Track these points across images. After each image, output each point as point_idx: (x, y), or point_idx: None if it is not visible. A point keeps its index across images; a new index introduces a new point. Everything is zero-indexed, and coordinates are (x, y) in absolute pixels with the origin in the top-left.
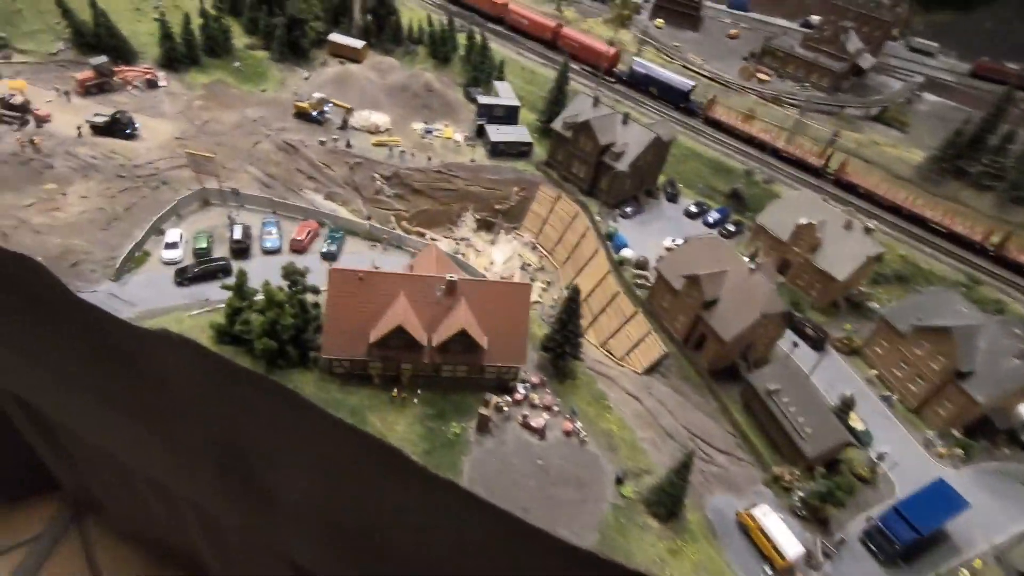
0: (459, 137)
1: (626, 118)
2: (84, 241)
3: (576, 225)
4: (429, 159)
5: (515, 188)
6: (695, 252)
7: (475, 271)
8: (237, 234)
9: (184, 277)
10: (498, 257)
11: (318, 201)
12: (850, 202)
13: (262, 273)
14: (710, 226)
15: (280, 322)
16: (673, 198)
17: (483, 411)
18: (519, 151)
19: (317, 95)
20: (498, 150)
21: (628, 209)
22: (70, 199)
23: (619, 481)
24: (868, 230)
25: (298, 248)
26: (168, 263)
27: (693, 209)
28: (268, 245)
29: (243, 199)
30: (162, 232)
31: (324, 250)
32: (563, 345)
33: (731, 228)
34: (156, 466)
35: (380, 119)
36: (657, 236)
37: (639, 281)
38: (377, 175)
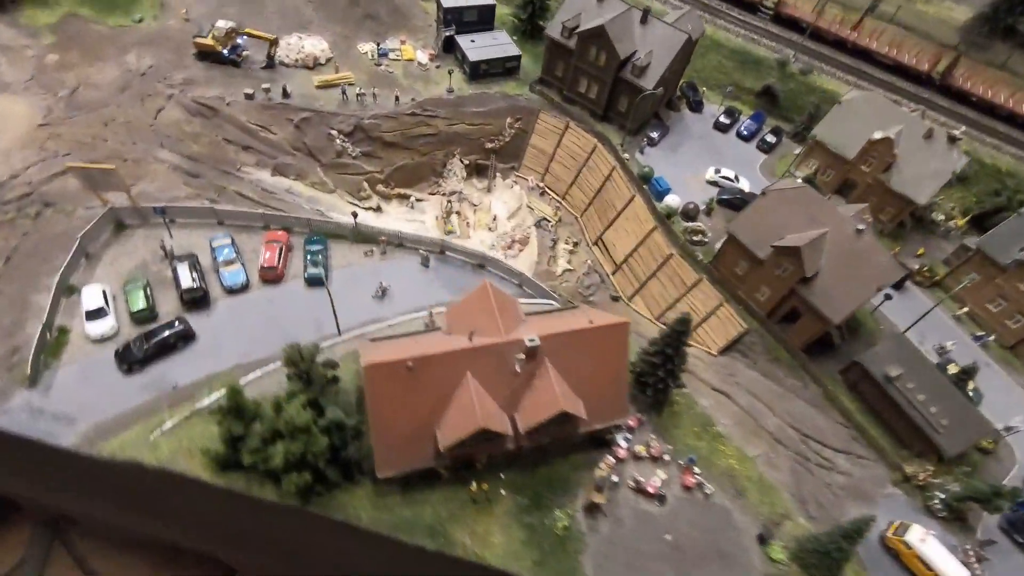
0: (423, 57)
1: (646, 15)
2: None
3: (596, 164)
4: (397, 99)
5: (508, 119)
6: (779, 209)
7: (505, 266)
8: (186, 280)
9: (130, 361)
10: (500, 210)
11: (265, 180)
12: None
13: (236, 327)
14: (744, 139)
15: (312, 449)
16: (697, 106)
17: (596, 499)
18: (504, 68)
19: (222, 23)
20: (479, 71)
21: (654, 134)
22: None
23: (763, 540)
24: (953, 139)
25: (272, 277)
26: (100, 340)
27: (724, 119)
28: (231, 282)
29: (172, 212)
30: (74, 291)
31: (308, 274)
32: (665, 380)
33: (770, 139)
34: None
35: (315, 46)
36: (692, 165)
37: (695, 238)
38: (334, 131)
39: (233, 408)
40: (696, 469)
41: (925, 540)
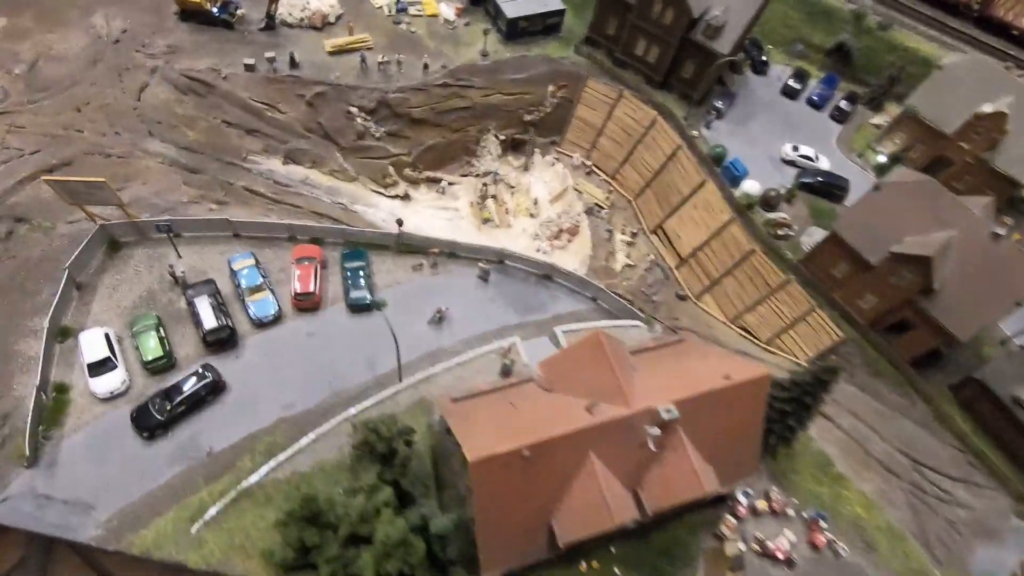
0: (448, 11)
1: None
2: None
3: (655, 140)
4: (426, 67)
5: (550, 87)
6: (896, 206)
7: (577, 278)
8: (209, 319)
9: (151, 426)
10: (541, 191)
11: (277, 171)
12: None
13: (270, 369)
14: (815, 106)
15: (410, 559)
16: (761, 67)
17: (733, 552)
18: (545, 25)
19: None
20: (517, 30)
21: (719, 104)
22: None
23: None
24: None
25: (308, 305)
26: (109, 397)
27: (793, 83)
28: (260, 313)
29: (177, 227)
30: (68, 334)
31: (351, 299)
32: (793, 428)
33: (845, 107)
34: None
35: (323, 1)
36: (762, 141)
37: (779, 232)
38: (354, 108)
39: (307, 517)
40: (823, 524)
41: None
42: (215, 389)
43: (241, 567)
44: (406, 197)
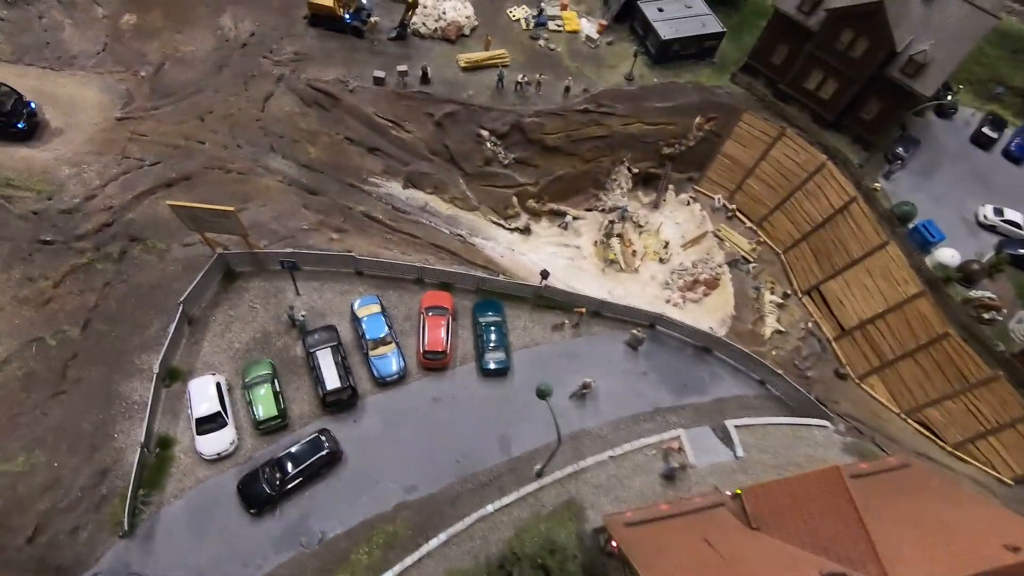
0: (590, 28)
1: None
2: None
3: (821, 188)
4: (567, 90)
5: (698, 119)
6: None
7: (739, 351)
8: (332, 378)
9: (259, 500)
10: (672, 234)
11: (396, 194)
12: None
13: (390, 437)
14: (1014, 160)
15: None
16: (948, 111)
17: None
18: (700, 48)
19: None
20: (669, 53)
21: (900, 150)
22: None
23: None
24: None
25: (438, 365)
26: (216, 458)
27: (988, 131)
28: (384, 371)
29: (298, 259)
30: (176, 377)
31: (487, 362)
32: None
33: None
34: None
35: (458, 11)
36: (953, 199)
37: (985, 315)
38: (484, 131)
39: None
40: None
41: None
42: (332, 461)
43: None
44: (527, 231)
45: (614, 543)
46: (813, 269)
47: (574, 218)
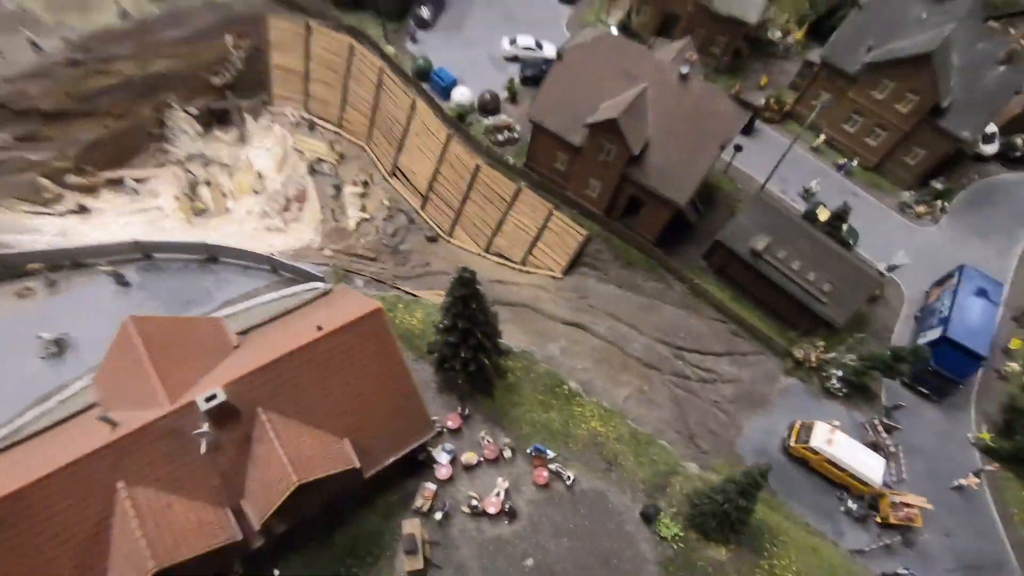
0: None
1: None
2: None
3: (361, 70)
4: (34, 45)
5: (228, 38)
6: (581, 71)
7: (238, 251)
8: None
9: None
10: (265, 162)
11: None
12: None
13: None
14: None
15: None
16: None
17: (410, 566)
18: None
19: None
20: None
21: (423, 11)
22: None
23: (648, 519)
24: None
25: None
26: None
27: None
28: None
29: None
30: None
31: None
32: (475, 357)
33: None
34: None
35: None
36: (484, 41)
37: (500, 137)
38: None
39: None
40: (549, 453)
41: (832, 440)
42: None
43: None
44: (83, 210)
45: None
46: (389, 149)
47: (138, 180)
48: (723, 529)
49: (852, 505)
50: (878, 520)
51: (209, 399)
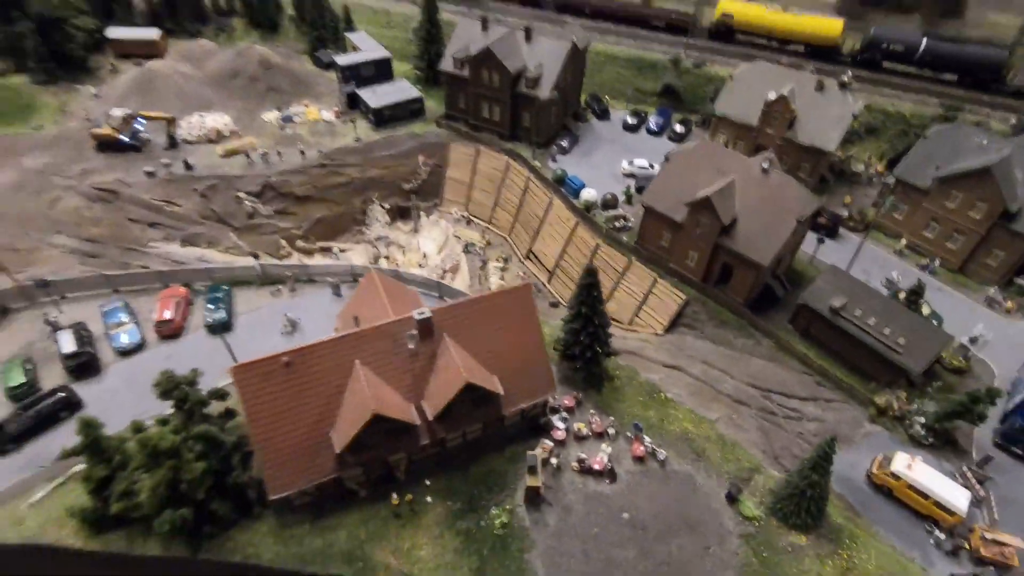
0: (328, 115)
1: (529, 32)
2: None
3: (512, 180)
4: (303, 153)
5: (420, 158)
6: (686, 170)
7: (420, 279)
8: (67, 344)
9: (4, 439)
10: (429, 247)
11: (175, 252)
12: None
13: (130, 391)
14: (655, 134)
15: (184, 477)
16: (603, 114)
17: (532, 483)
18: (409, 111)
19: (117, 111)
20: (384, 118)
21: (563, 143)
22: None
23: (732, 499)
24: (843, 85)
25: (169, 332)
26: None
27: (630, 120)
28: (122, 342)
29: (58, 288)
30: None
31: (209, 320)
32: (591, 346)
33: (679, 129)
34: None
35: (218, 121)
36: (607, 164)
37: (617, 224)
38: (242, 194)
39: (90, 444)
40: (646, 437)
41: (912, 466)
42: (69, 405)
43: (54, 535)
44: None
45: None
46: (526, 238)
47: (341, 250)
48: (800, 512)
49: (941, 536)
50: (970, 552)
51: (421, 313)
